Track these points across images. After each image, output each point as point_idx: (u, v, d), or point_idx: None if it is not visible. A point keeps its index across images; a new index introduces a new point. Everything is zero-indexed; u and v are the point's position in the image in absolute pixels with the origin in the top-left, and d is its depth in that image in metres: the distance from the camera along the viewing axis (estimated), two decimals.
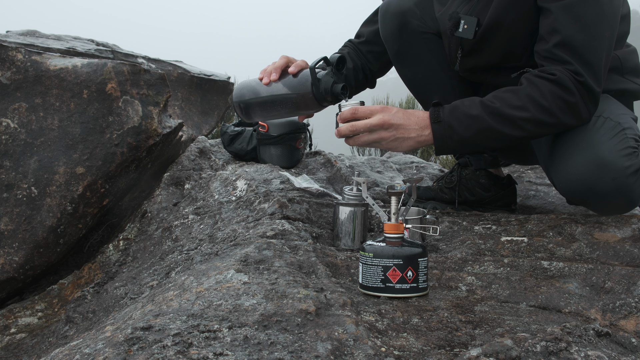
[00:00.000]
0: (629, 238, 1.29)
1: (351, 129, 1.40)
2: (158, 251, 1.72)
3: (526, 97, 1.33)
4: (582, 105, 1.33)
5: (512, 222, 1.51)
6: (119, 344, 0.81)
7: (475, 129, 1.35)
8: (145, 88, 2.02)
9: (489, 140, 1.38)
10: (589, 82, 1.32)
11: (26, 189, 1.85)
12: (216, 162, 2.38)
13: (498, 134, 1.35)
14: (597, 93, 1.34)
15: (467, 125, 1.35)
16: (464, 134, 1.36)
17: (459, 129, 1.36)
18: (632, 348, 0.89)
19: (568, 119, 1.34)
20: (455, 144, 1.38)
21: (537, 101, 1.32)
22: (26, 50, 2.00)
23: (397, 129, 1.38)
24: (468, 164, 1.87)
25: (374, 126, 1.38)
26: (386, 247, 1.11)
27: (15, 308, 1.75)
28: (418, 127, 1.38)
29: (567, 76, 1.32)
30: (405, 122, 1.38)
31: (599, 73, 1.34)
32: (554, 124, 1.35)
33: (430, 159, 5.96)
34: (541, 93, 1.32)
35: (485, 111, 1.34)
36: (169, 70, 3.48)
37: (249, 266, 1.16)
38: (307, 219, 1.59)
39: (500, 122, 1.34)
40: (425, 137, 1.39)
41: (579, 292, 1.08)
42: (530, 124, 1.33)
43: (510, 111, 1.33)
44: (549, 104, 1.32)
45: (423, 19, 1.71)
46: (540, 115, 1.32)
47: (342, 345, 0.84)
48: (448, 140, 1.37)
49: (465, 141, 1.37)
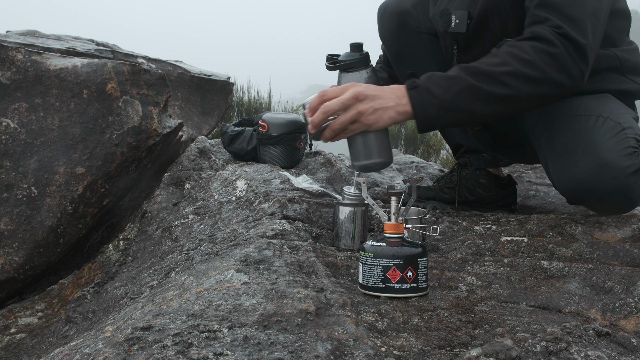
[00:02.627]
0: (629, 238, 1.29)
1: (324, 111, 1.24)
2: (158, 251, 1.72)
3: (506, 54, 1.26)
4: (568, 59, 1.24)
5: (512, 222, 1.51)
6: (119, 344, 0.81)
7: (456, 90, 1.24)
8: (145, 88, 2.02)
9: (473, 102, 1.25)
10: (570, 34, 1.24)
11: (26, 189, 1.85)
12: (216, 162, 2.38)
13: (481, 92, 1.24)
14: (584, 45, 1.25)
15: (446, 87, 1.24)
16: (443, 97, 1.24)
17: (438, 91, 1.24)
18: (632, 348, 0.89)
19: (556, 73, 1.25)
20: (436, 109, 1.25)
21: (518, 55, 1.24)
22: (26, 50, 2.00)
23: (374, 99, 1.24)
24: (468, 163, 1.87)
25: (348, 100, 1.23)
26: (386, 247, 1.11)
27: (15, 308, 1.75)
28: (394, 96, 1.25)
29: (547, 30, 1.26)
30: (380, 93, 1.25)
31: (583, 26, 1.26)
32: (541, 79, 1.25)
33: (430, 159, 5.96)
34: (521, 49, 1.26)
35: (464, 71, 1.26)
36: (169, 70, 3.48)
37: (249, 266, 1.16)
38: (307, 219, 1.59)
39: (481, 79, 1.24)
40: (403, 107, 1.25)
41: (579, 292, 1.08)
42: (514, 78, 1.24)
43: (490, 67, 1.25)
44: (531, 57, 1.24)
45: (420, 19, 1.72)
46: (524, 68, 1.23)
47: (342, 345, 0.84)
48: (427, 105, 1.24)
49: (446, 105, 1.25)
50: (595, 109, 1.40)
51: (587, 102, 1.44)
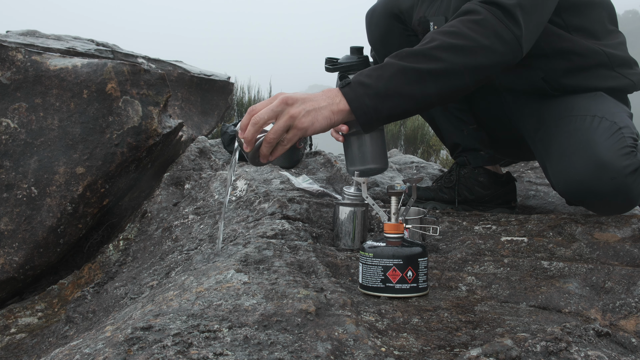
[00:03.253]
0: (629, 238, 1.29)
1: (254, 122, 1.15)
2: (158, 251, 1.72)
3: (433, 33, 1.24)
4: (495, 22, 1.21)
5: (512, 222, 1.51)
6: (119, 344, 0.81)
7: (388, 75, 1.19)
8: (145, 88, 2.02)
9: (409, 84, 1.19)
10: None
11: (26, 189, 1.85)
12: (216, 162, 2.38)
13: (414, 72, 1.19)
14: (510, 6, 1.22)
15: (378, 76, 1.19)
16: (377, 85, 1.18)
17: (370, 81, 1.19)
18: (632, 348, 0.89)
19: (484, 38, 1.21)
20: (373, 99, 1.18)
21: (444, 30, 1.22)
22: (26, 50, 2.00)
23: (304, 102, 1.17)
24: (466, 162, 1.87)
25: (277, 107, 1.15)
26: (386, 247, 1.11)
27: (15, 308, 1.75)
28: (326, 96, 1.19)
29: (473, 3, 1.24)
30: (310, 96, 1.19)
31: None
32: (471, 47, 1.20)
33: (430, 159, 5.96)
34: (448, 25, 1.24)
35: (394, 57, 1.22)
36: (169, 70, 3.48)
37: (249, 266, 1.16)
38: (307, 218, 1.59)
39: (410, 59, 1.20)
40: (337, 105, 1.18)
41: (579, 292, 1.08)
42: (442, 51, 1.19)
43: (418, 47, 1.22)
44: (457, 28, 1.21)
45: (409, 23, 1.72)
46: (450, 39, 1.20)
47: (342, 345, 0.84)
48: (363, 97, 1.18)
49: (382, 92, 1.18)
50: (591, 109, 1.40)
51: (581, 102, 1.44)
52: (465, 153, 1.88)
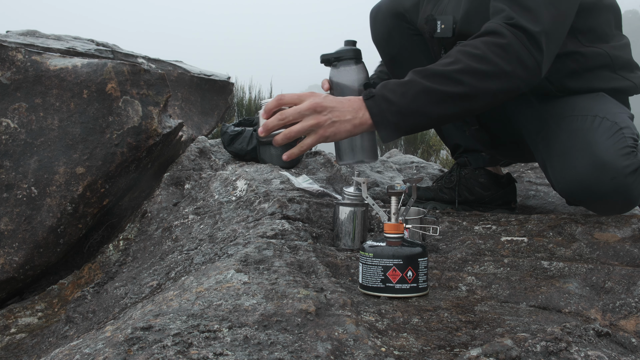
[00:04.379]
0: (629, 238, 1.29)
1: (280, 118, 1.22)
2: (158, 251, 1.72)
3: (457, 52, 1.25)
4: (519, 47, 1.22)
5: (512, 222, 1.51)
6: (119, 344, 0.81)
7: (412, 94, 1.22)
8: (145, 88, 2.02)
9: (431, 104, 1.23)
10: (521, 22, 1.22)
11: (26, 189, 1.85)
12: (216, 162, 2.38)
13: (437, 93, 1.22)
14: (536, 34, 1.23)
15: (402, 93, 1.22)
16: (400, 102, 1.22)
17: (394, 98, 1.22)
18: (632, 348, 0.89)
19: (507, 64, 1.22)
20: (395, 116, 1.22)
21: (468, 52, 1.23)
22: (26, 50, 2.00)
23: (332, 111, 1.22)
24: (467, 163, 1.87)
25: (305, 110, 1.21)
26: (386, 247, 1.11)
27: (15, 308, 1.75)
28: (352, 109, 1.23)
29: (497, 23, 1.25)
30: (338, 105, 1.23)
31: (536, 14, 1.24)
32: (494, 72, 1.22)
33: (430, 159, 5.96)
34: (472, 45, 1.25)
35: (418, 75, 1.25)
36: (169, 70, 3.48)
37: (249, 266, 1.16)
38: (307, 219, 1.59)
39: (434, 80, 1.22)
40: (360, 119, 1.23)
41: (579, 292, 1.08)
42: (466, 75, 1.22)
43: (442, 67, 1.24)
44: (481, 51, 1.22)
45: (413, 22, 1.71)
46: (474, 63, 1.22)
47: (342, 345, 0.84)
48: (386, 113, 1.22)
49: (405, 110, 1.22)
50: (592, 109, 1.40)
51: (582, 102, 1.44)
52: (466, 154, 1.88)
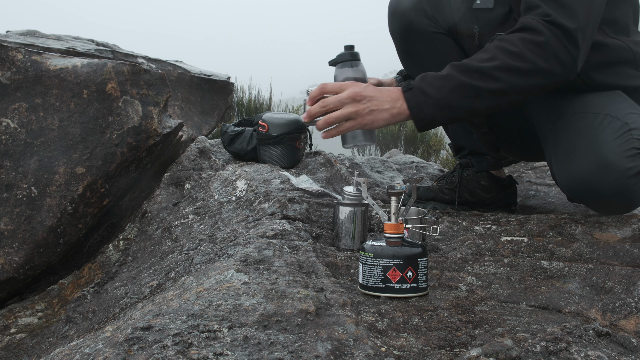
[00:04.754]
0: (629, 238, 1.29)
1: (322, 105, 1.31)
2: (158, 251, 1.72)
3: (495, 48, 1.29)
4: (556, 45, 1.25)
5: (512, 222, 1.51)
6: (119, 344, 0.81)
7: (449, 88, 1.28)
8: (145, 88, 2.02)
9: (466, 99, 1.29)
10: (558, 20, 1.25)
11: (26, 189, 1.85)
12: (216, 162, 2.38)
13: (473, 88, 1.27)
14: (573, 30, 1.26)
15: (439, 87, 1.28)
16: (437, 96, 1.28)
17: (432, 91, 1.29)
18: (632, 348, 0.89)
19: (544, 61, 1.26)
20: (432, 108, 1.29)
21: (506, 48, 1.27)
22: (26, 50, 2.00)
23: (371, 100, 1.30)
24: (470, 165, 1.86)
25: (345, 99, 1.29)
26: (386, 247, 1.11)
27: (15, 308, 1.75)
28: (390, 99, 1.30)
29: (534, 19, 1.27)
30: (377, 95, 1.31)
31: (572, 11, 1.26)
32: (530, 69, 1.26)
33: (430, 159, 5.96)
34: (510, 42, 1.28)
35: (456, 69, 1.29)
36: (169, 70, 3.48)
37: (249, 266, 1.16)
38: (307, 219, 1.59)
39: (471, 75, 1.27)
40: (398, 109, 1.30)
41: (579, 292, 1.08)
42: (502, 72, 1.26)
43: (480, 63, 1.28)
44: (518, 48, 1.26)
45: (434, 18, 1.67)
46: (511, 60, 1.26)
47: (342, 345, 0.84)
48: (423, 105, 1.29)
49: (441, 103, 1.29)
50: (605, 107, 1.38)
51: (596, 100, 1.42)
52: (470, 156, 1.86)
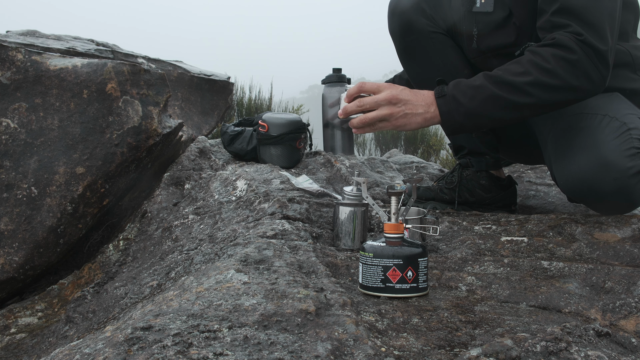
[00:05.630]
0: (629, 238, 1.29)
1: (358, 104, 1.38)
2: (158, 251, 1.72)
3: (528, 62, 1.32)
4: (588, 64, 1.30)
5: (512, 222, 1.51)
6: (119, 344, 0.81)
7: (480, 99, 1.33)
8: (145, 88, 2.02)
9: (496, 110, 1.35)
10: (590, 40, 1.29)
11: (26, 189, 1.85)
12: (216, 162, 2.38)
13: (504, 101, 1.33)
14: (604, 52, 1.31)
15: (471, 96, 1.34)
16: (469, 105, 1.34)
17: (464, 100, 1.34)
18: (632, 348, 0.89)
19: (575, 79, 1.31)
20: (462, 116, 1.35)
21: (539, 64, 1.31)
22: (26, 50, 2.00)
23: (406, 104, 1.36)
24: (469, 164, 1.86)
25: (382, 101, 1.36)
26: (386, 247, 1.11)
27: (15, 308, 1.75)
28: (424, 103, 1.37)
29: (567, 37, 1.31)
30: (412, 99, 1.37)
31: (602, 32, 1.31)
32: (561, 86, 1.31)
33: (430, 159, 5.96)
34: (543, 57, 1.31)
35: (489, 80, 1.34)
36: (169, 70, 3.48)
37: (249, 266, 1.16)
38: (307, 219, 1.59)
39: (504, 88, 1.32)
40: (431, 114, 1.37)
41: (579, 292, 1.08)
42: (534, 87, 1.31)
43: (513, 77, 1.32)
44: (551, 65, 1.30)
45: (433, 17, 1.68)
46: (544, 77, 1.30)
47: (342, 345, 0.84)
48: (454, 113, 1.35)
49: (471, 112, 1.35)
50: (603, 108, 1.39)
51: (595, 101, 1.43)
52: (470, 156, 1.87)
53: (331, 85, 2.25)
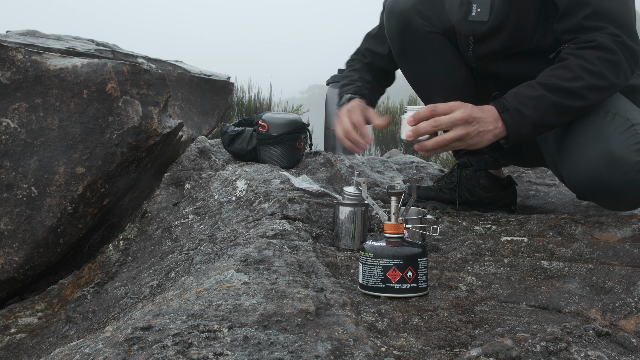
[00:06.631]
0: (629, 238, 1.29)
1: (434, 124, 1.35)
2: (158, 251, 1.72)
3: (577, 67, 1.35)
4: (626, 64, 1.36)
5: (512, 222, 1.52)
6: (119, 344, 0.81)
7: (542, 108, 1.36)
8: (145, 88, 2.02)
9: (557, 116, 1.38)
10: (627, 41, 1.35)
11: (26, 189, 1.85)
12: (216, 162, 2.38)
13: (564, 107, 1.36)
14: (637, 51, 1.38)
15: (534, 107, 1.36)
16: (532, 116, 1.36)
17: (527, 111, 1.36)
18: (632, 348, 0.89)
19: (617, 79, 1.37)
20: (528, 128, 1.37)
21: (588, 68, 1.34)
22: (26, 50, 2.00)
23: (479, 122, 1.36)
24: (468, 164, 1.87)
25: (458, 120, 1.34)
26: (386, 247, 1.11)
27: (15, 308, 1.75)
28: (492, 119, 1.37)
29: (607, 39, 1.35)
30: (483, 116, 1.37)
31: (634, 33, 1.38)
32: (607, 86, 1.37)
33: (430, 159, 5.96)
34: (589, 60, 1.35)
35: (546, 89, 1.36)
36: (169, 70, 3.48)
37: (249, 266, 1.16)
38: (307, 219, 1.59)
39: (562, 95, 1.35)
40: (500, 129, 1.37)
41: (579, 292, 1.08)
42: (588, 91, 1.35)
43: (568, 84, 1.35)
44: (599, 68, 1.34)
45: (429, 18, 1.69)
46: (594, 80, 1.35)
47: (342, 345, 0.84)
48: (520, 126, 1.37)
49: (536, 123, 1.37)
50: (604, 104, 1.40)
51: None
52: (468, 155, 1.87)
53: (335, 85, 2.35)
